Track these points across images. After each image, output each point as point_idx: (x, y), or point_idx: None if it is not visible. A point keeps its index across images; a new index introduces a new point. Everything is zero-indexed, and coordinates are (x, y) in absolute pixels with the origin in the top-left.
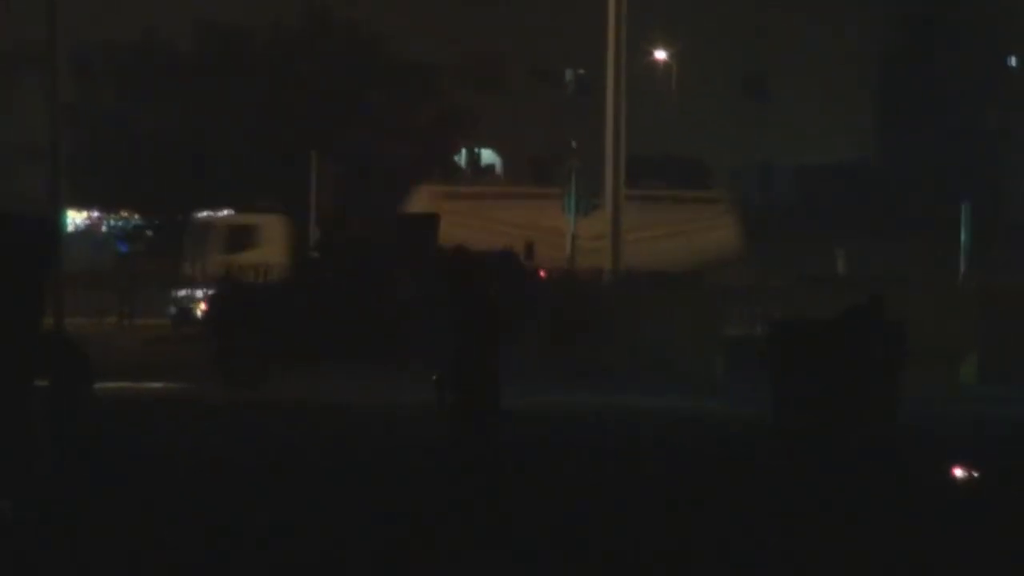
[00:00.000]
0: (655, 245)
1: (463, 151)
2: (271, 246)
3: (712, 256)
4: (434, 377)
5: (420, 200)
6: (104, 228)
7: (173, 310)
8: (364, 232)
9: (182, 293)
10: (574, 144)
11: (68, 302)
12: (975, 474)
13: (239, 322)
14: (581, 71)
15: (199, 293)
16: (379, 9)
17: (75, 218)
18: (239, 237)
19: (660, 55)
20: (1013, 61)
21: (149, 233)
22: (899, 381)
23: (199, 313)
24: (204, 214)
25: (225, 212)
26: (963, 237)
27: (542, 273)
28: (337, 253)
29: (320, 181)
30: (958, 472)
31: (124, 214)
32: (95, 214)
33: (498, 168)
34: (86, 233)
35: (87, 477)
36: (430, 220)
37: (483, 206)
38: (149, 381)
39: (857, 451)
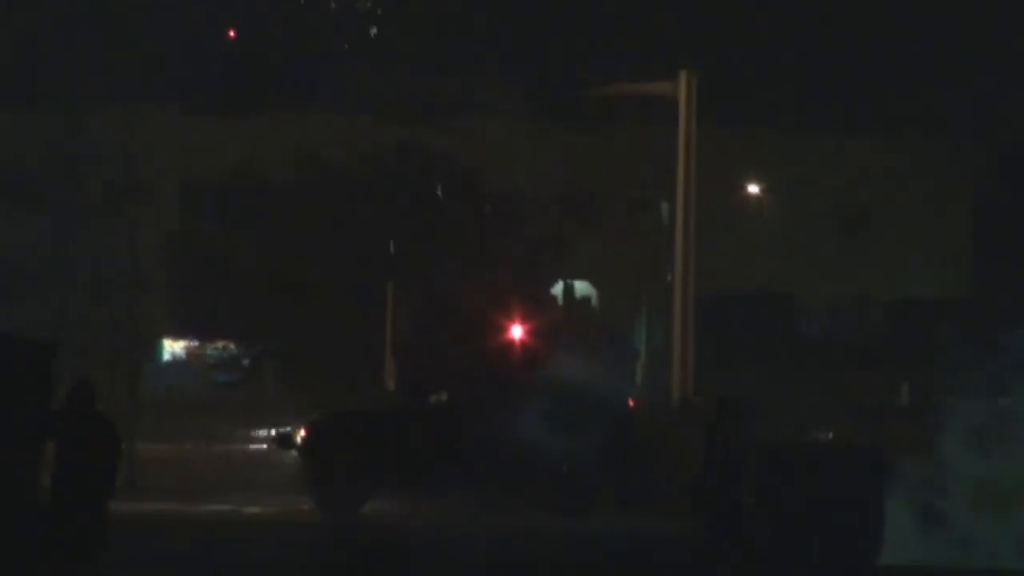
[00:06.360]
0: None
1: (559, 283)
2: None
3: None
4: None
5: None
6: (204, 357)
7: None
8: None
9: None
10: (669, 277)
11: (156, 427)
12: None
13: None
14: None
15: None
16: (473, 142)
17: (172, 346)
18: None
19: (753, 189)
20: None
21: (245, 363)
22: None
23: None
24: None
25: None
26: None
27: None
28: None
29: (396, 312)
30: None
31: (221, 344)
32: (193, 343)
33: (593, 300)
34: (183, 362)
35: None
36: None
37: None
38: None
39: None
